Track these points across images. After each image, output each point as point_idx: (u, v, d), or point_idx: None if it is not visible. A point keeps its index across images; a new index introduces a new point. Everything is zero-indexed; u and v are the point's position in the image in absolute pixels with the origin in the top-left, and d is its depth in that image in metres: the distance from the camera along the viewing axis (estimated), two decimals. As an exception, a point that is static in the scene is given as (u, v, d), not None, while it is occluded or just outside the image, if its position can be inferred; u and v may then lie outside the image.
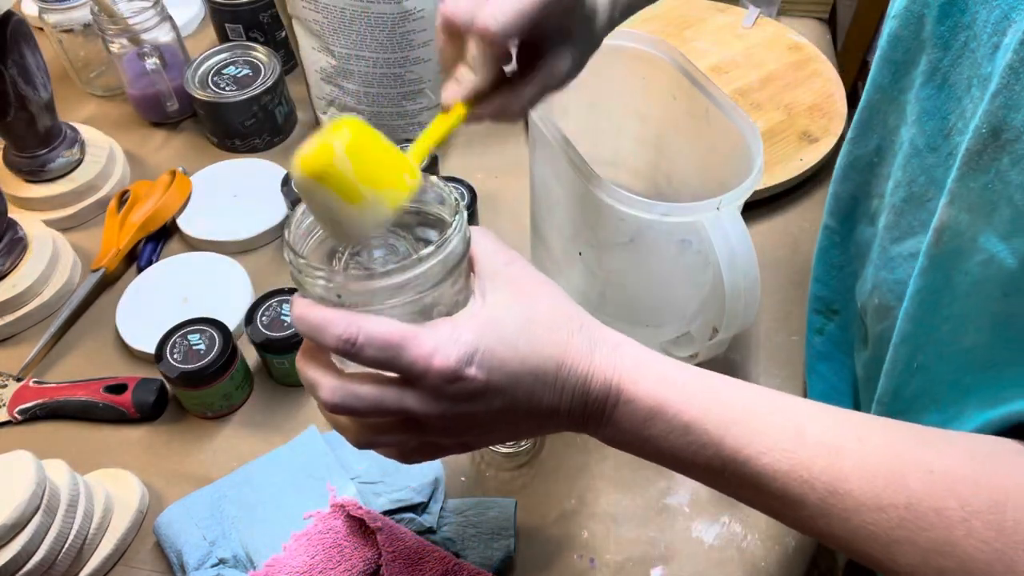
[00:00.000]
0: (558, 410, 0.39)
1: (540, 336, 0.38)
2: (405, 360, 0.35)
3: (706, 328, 0.58)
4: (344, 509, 0.59)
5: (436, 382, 0.36)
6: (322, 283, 0.37)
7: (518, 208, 0.83)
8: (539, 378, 0.38)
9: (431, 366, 0.35)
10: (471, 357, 0.36)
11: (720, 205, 0.51)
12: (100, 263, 0.78)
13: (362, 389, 0.37)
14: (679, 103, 0.61)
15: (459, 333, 0.36)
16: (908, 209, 0.47)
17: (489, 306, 0.38)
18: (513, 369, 0.37)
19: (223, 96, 0.86)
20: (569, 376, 0.38)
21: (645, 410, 0.38)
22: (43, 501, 0.55)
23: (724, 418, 0.38)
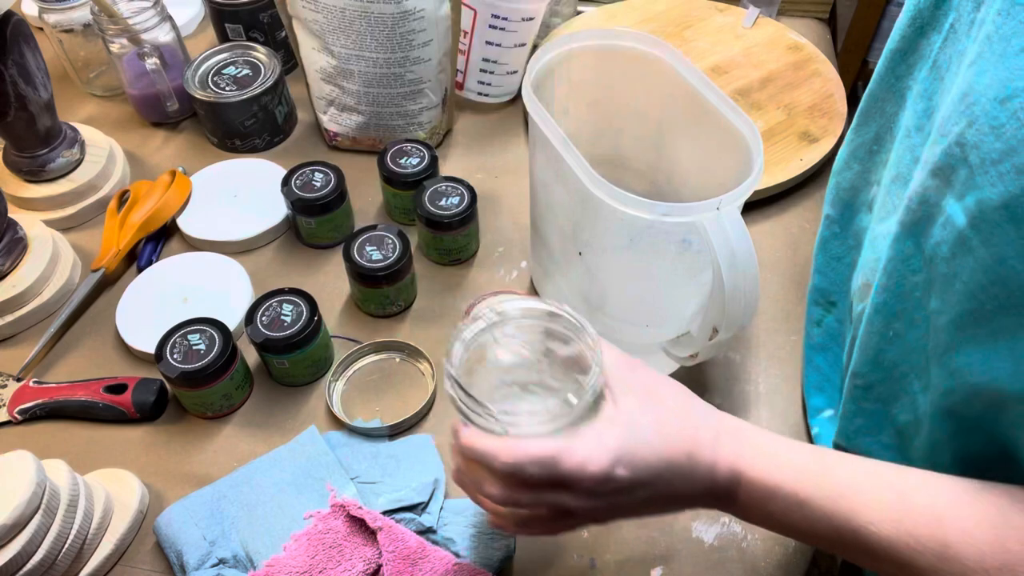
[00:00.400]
0: (691, 495, 0.44)
1: (671, 432, 0.43)
2: (563, 471, 0.41)
3: (706, 328, 0.58)
4: (344, 509, 0.59)
5: (590, 484, 0.42)
6: (495, 425, 0.43)
7: (518, 208, 0.83)
8: (673, 469, 0.43)
9: (585, 472, 0.41)
10: (618, 460, 0.42)
11: (720, 205, 0.51)
12: (100, 263, 0.78)
13: (525, 494, 0.43)
14: (679, 103, 0.61)
15: (604, 440, 0.42)
16: (893, 189, 0.49)
17: (623, 412, 0.43)
18: (652, 464, 0.42)
19: (223, 96, 0.86)
20: (698, 465, 0.43)
21: (763, 491, 0.43)
22: (43, 501, 0.55)
23: (833, 493, 0.42)
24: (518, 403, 0.50)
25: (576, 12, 1.01)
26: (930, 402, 0.45)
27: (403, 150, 0.80)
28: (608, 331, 0.65)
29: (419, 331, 0.74)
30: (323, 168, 0.79)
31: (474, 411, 0.44)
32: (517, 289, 0.77)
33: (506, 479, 0.43)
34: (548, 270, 0.72)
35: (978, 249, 0.37)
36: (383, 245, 0.72)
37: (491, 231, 0.82)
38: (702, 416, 0.45)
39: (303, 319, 0.67)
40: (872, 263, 0.51)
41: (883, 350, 0.49)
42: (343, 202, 0.79)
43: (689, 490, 0.44)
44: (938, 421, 0.45)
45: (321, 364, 0.71)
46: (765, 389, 0.70)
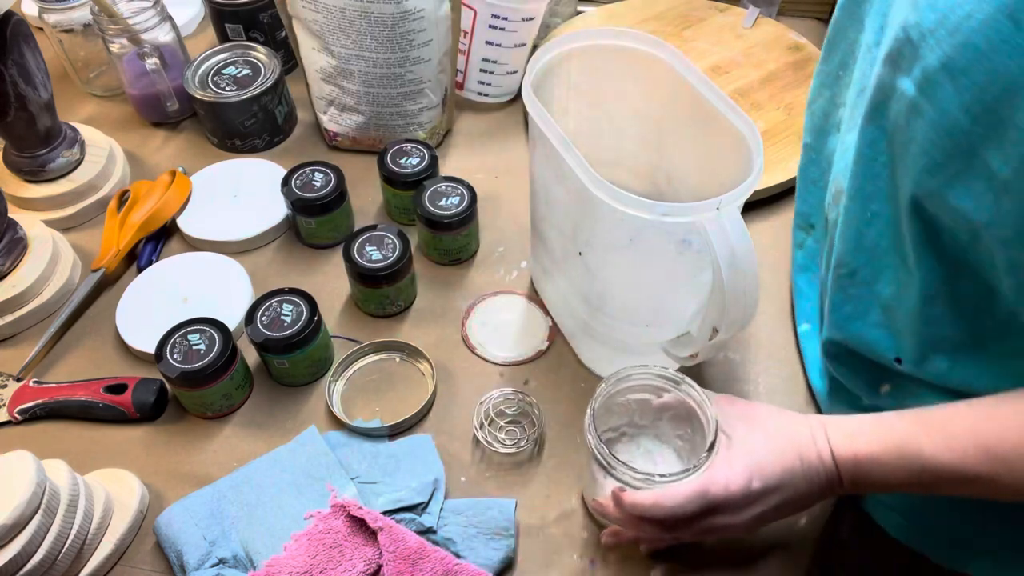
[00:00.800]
0: (812, 492, 0.52)
1: (779, 444, 0.52)
2: (712, 498, 0.51)
3: (706, 328, 0.58)
4: (344, 509, 0.59)
5: (736, 501, 0.51)
6: (640, 483, 0.53)
7: (518, 208, 0.83)
8: (792, 472, 0.51)
9: (729, 492, 0.51)
10: (751, 475, 0.51)
11: (720, 205, 0.51)
12: (100, 263, 0.78)
13: (687, 529, 0.52)
14: (679, 103, 0.61)
15: (734, 465, 0.51)
16: (858, 102, 0.54)
17: (737, 440, 0.53)
18: (777, 471, 0.51)
19: (223, 96, 0.86)
20: (809, 464, 0.51)
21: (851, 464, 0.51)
22: (43, 501, 0.55)
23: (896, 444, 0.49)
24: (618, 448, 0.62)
25: (576, 12, 1.01)
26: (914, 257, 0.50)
27: (403, 150, 0.80)
28: (608, 331, 0.66)
29: (419, 331, 0.74)
30: (323, 168, 0.79)
31: (629, 477, 0.53)
32: (517, 289, 0.77)
33: (668, 520, 0.52)
34: (548, 270, 0.72)
35: (927, 110, 0.43)
36: (383, 245, 0.72)
37: (491, 231, 0.82)
38: (796, 424, 0.53)
39: (303, 319, 0.67)
40: (843, 170, 0.56)
41: (863, 232, 0.54)
42: (343, 202, 0.79)
43: (810, 488, 0.52)
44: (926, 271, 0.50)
45: (321, 364, 0.71)
46: (765, 389, 0.70)
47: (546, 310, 0.75)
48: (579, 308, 0.67)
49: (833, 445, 0.51)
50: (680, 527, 0.52)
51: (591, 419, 0.54)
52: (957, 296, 0.50)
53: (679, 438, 0.61)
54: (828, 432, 0.52)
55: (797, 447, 0.52)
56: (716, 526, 0.52)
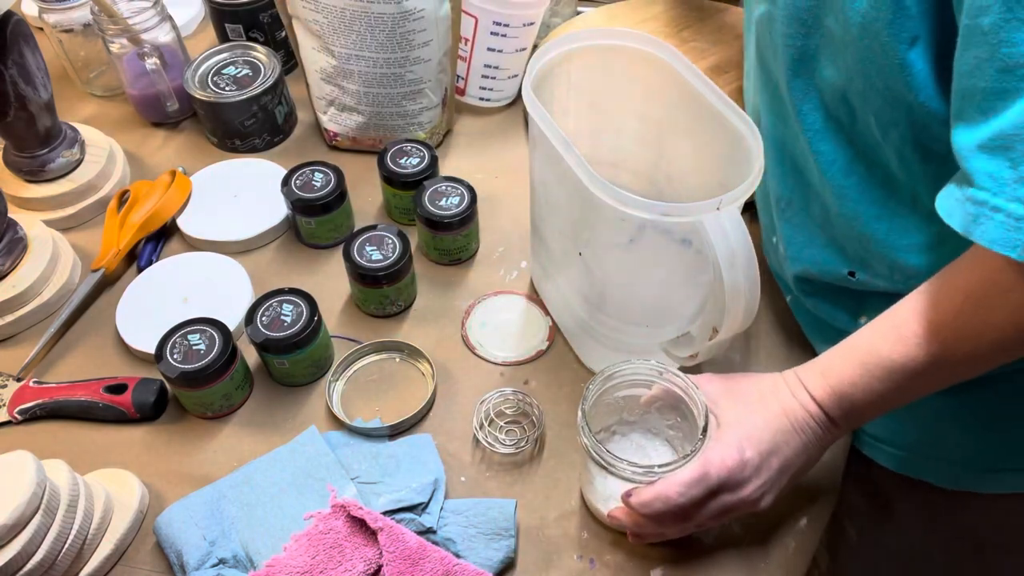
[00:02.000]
0: (808, 442, 0.54)
1: (763, 408, 0.55)
2: (714, 476, 0.52)
3: (706, 328, 0.58)
4: (345, 509, 0.59)
5: (736, 475, 0.52)
6: (642, 476, 0.54)
7: (518, 208, 0.83)
8: (783, 431, 0.54)
9: (726, 467, 0.52)
10: (742, 446, 0.53)
11: (720, 205, 0.51)
12: (100, 263, 0.78)
13: (697, 513, 0.54)
14: (679, 103, 0.61)
15: (725, 440, 0.53)
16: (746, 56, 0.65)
17: (724, 418, 0.55)
18: (768, 436, 0.54)
19: (223, 96, 0.86)
20: (795, 417, 0.54)
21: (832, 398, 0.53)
22: (43, 501, 0.55)
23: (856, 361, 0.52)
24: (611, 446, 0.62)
25: (576, 12, 1.01)
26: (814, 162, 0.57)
27: (403, 150, 0.80)
28: (608, 331, 0.66)
29: (419, 331, 0.74)
30: (323, 168, 0.79)
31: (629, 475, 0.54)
32: (517, 289, 0.77)
33: (677, 510, 0.53)
34: (548, 270, 0.72)
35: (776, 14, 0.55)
36: (383, 245, 0.72)
37: (491, 231, 0.82)
38: (774, 383, 0.56)
39: (303, 319, 0.67)
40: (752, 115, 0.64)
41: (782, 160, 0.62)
42: (343, 202, 0.79)
43: (805, 440, 0.54)
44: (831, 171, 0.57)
45: (321, 364, 0.71)
46: (765, 389, 0.70)
47: (546, 310, 0.75)
48: (579, 308, 0.67)
49: (810, 389, 0.54)
50: (692, 515, 0.54)
51: (583, 421, 0.55)
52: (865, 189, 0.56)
53: (670, 428, 0.61)
54: (802, 379, 0.54)
55: (781, 406, 0.54)
56: (727, 505, 0.53)
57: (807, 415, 0.54)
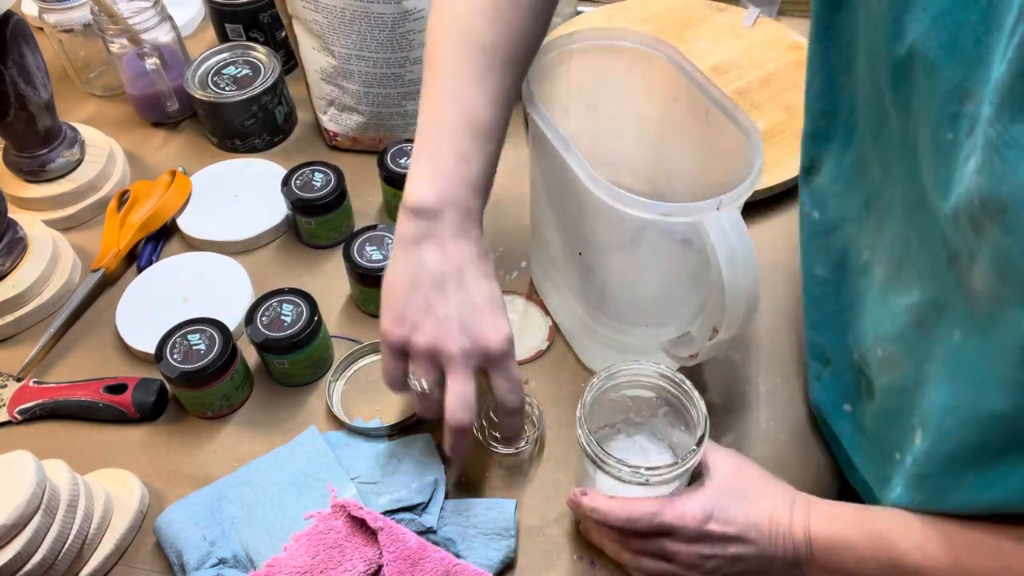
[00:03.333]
0: (775, 557, 0.52)
1: (754, 499, 0.53)
2: (665, 520, 0.52)
3: (706, 328, 0.58)
4: (345, 509, 0.59)
5: (689, 533, 0.52)
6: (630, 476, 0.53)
7: (518, 208, 0.83)
8: (758, 529, 0.52)
9: (683, 521, 0.52)
10: (710, 515, 0.52)
11: (720, 205, 0.51)
12: (100, 263, 0.78)
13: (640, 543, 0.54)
14: (679, 103, 0.61)
15: (699, 499, 0.53)
16: (908, 262, 0.49)
17: (716, 479, 0.54)
18: (740, 521, 0.52)
19: (223, 96, 0.86)
20: (777, 527, 0.52)
21: (824, 544, 0.51)
22: (43, 501, 0.55)
23: (871, 534, 0.50)
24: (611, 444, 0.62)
25: (576, 12, 1.01)
26: None
27: (403, 150, 0.80)
28: (608, 331, 0.66)
29: (419, 331, 0.74)
30: (323, 168, 0.79)
31: (610, 464, 0.53)
32: (517, 289, 0.77)
33: (623, 530, 0.54)
34: (548, 270, 0.72)
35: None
36: (383, 245, 0.72)
37: (491, 231, 0.82)
38: (780, 489, 0.54)
39: (303, 319, 0.67)
40: (892, 337, 0.52)
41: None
42: (343, 202, 0.79)
43: (773, 552, 0.52)
44: None
45: (321, 364, 0.71)
46: (765, 389, 0.70)
47: (546, 310, 0.75)
48: (579, 308, 0.67)
49: (812, 522, 0.52)
50: (633, 540, 0.54)
51: (582, 413, 0.55)
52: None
53: (675, 435, 0.61)
54: (810, 510, 0.53)
55: (771, 508, 0.53)
56: (667, 552, 0.53)
57: (790, 536, 0.52)
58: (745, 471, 0.56)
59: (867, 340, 0.55)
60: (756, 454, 0.66)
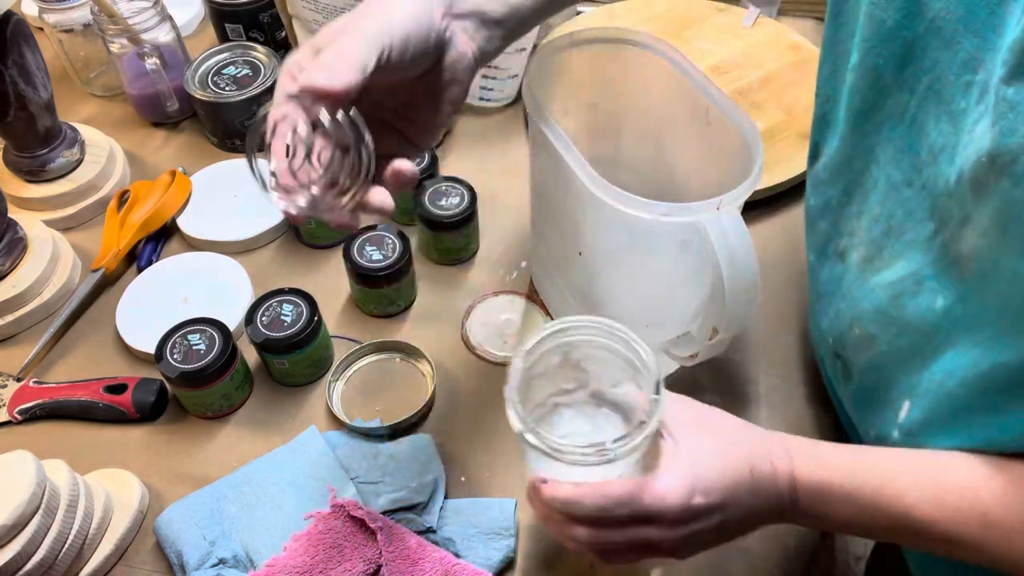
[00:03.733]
0: (760, 510, 0.47)
1: (731, 454, 0.47)
2: (645, 506, 0.44)
3: (706, 328, 0.58)
4: (344, 509, 0.59)
5: (673, 515, 0.45)
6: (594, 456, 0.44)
7: (518, 208, 0.83)
8: (741, 486, 0.46)
9: (665, 504, 0.44)
10: (693, 488, 0.45)
11: (720, 205, 0.51)
12: (100, 263, 0.78)
13: (612, 533, 0.46)
14: (679, 103, 0.61)
15: (677, 473, 0.45)
16: (888, 242, 0.50)
17: (685, 445, 0.47)
18: (722, 486, 0.46)
19: (223, 96, 0.86)
20: (760, 479, 0.46)
21: (817, 492, 0.46)
22: (43, 501, 0.55)
23: (876, 483, 0.45)
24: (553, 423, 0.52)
25: (576, 12, 1.01)
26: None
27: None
28: (608, 331, 0.65)
29: (419, 331, 0.74)
30: (323, 168, 0.79)
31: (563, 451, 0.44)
32: (517, 289, 0.77)
33: (595, 522, 0.46)
34: (548, 270, 0.72)
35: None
36: (383, 245, 0.72)
37: (491, 231, 0.82)
38: (753, 434, 0.49)
39: (303, 319, 0.67)
40: (872, 315, 0.52)
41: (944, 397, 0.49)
42: (343, 202, 0.79)
43: (757, 505, 0.47)
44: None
45: (321, 364, 0.71)
46: (765, 389, 0.70)
47: (546, 310, 0.75)
48: (579, 308, 0.67)
49: (796, 467, 0.47)
50: (607, 532, 0.46)
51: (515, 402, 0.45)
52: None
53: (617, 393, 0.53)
54: (791, 451, 0.47)
55: (749, 459, 0.47)
56: (648, 540, 0.46)
57: (772, 484, 0.46)
58: (709, 421, 0.49)
59: (844, 322, 0.56)
60: (756, 454, 0.66)
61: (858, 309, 0.54)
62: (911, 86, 0.46)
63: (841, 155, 0.55)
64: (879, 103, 0.49)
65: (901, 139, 0.48)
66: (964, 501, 0.43)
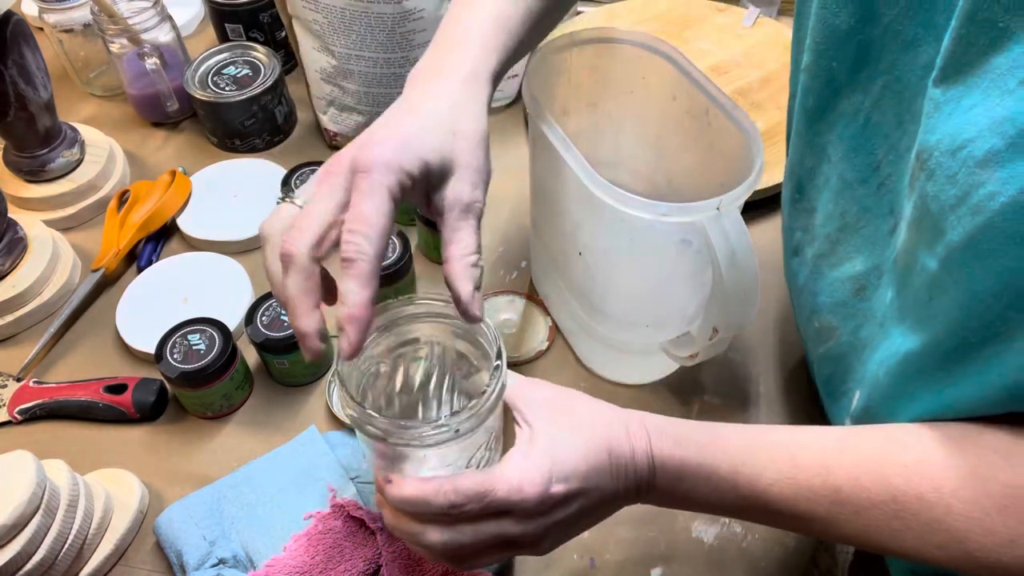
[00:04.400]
0: (618, 492, 0.45)
1: (587, 436, 0.45)
2: (500, 498, 0.41)
3: (706, 328, 0.58)
4: (344, 509, 0.59)
5: (530, 506, 0.42)
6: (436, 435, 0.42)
7: (518, 208, 0.83)
8: (600, 469, 0.44)
9: (522, 494, 0.42)
10: (550, 475, 0.42)
11: (720, 205, 0.51)
12: (100, 263, 0.78)
13: (466, 531, 0.43)
14: (679, 103, 0.61)
15: (532, 460, 0.43)
16: (843, 238, 0.51)
17: (539, 430, 0.44)
18: (580, 470, 0.43)
19: (223, 96, 0.86)
20: (619, 460, 0.45)
21: (674, 470, 0.45)
22: (43, 501, 0.55)
23: (733, 462, 0.45)
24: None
25: (576, 12, 1.01)
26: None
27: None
28: (608, 331, 0.66)
29: (419, 331, 0.74)
30: (323, 168, 0.79)
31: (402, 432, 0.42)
32: (517, 289, 0.77)
33: (445, 520, 0.43)
34: (548, 270, 0.72)
35: (951, 288, 0.39)
36: (383, 245, 0.72)
37: (491, 231, 0.82)
38: (610, 414, 0.47)
39: (303, 319, 0.66)
40: (831, 307, 0.53)
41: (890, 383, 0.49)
42: (343, 202, 0.79)
43: (616, 487, 0.45)
44: None
45: (321, 364, 0.71)
46: (765, 389, 0.70)
47: (546, 310, 0.75)
48: (579, 308, 0.67)
49: (654, 446, 0.45)
50: (460, 530, 0.43)
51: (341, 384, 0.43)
52: None
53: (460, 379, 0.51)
54: (648, 429, 0.46)
55: (607, 440, 0.45)
56: (505, 534, 0.43)
57: (631, 464, 0.45)
58: (565, 403, 0.47)
59: (803, 315, 0.57)
60: (756, 454, 0.66)
61: (815, 303, 0.55)
62: (865, 87, 0.47)
63: (794, 153, 0.56)
64: (832, 103, 0.50)
65: (854, 138, 0.49)
66: (817, 479, 0.43)
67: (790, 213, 0.59)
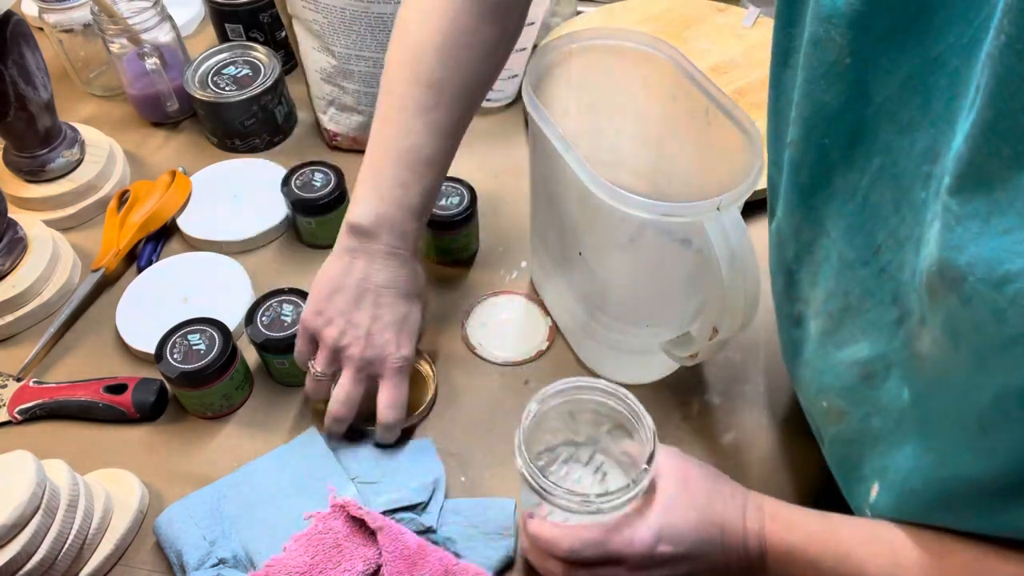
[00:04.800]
0: (728, 566, 0.50)
1: (704, 509, 0.50)
2: (613, 549, 0.49)
3: (706, 328, 0.58)
4: (344, 509, 0.59)
5: (638, 559, 0.49)
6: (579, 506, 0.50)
7: (518, 208, 0.83)
8: (709, 542, 0.50)
9: (632, 548, 0.49)
10: (660, 537, 0.49)
11: (720, 205, 0.51)
12: (100, 263, 0.78)
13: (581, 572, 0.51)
14: (679, 103, 0.61)
15: (647, 520, 0.50)
16: (847, 318, 0.48)
17: (662, 494, 0.51)
18: (690, 539, 0.49)
19: (223, 96, 0.86)
20: (730, 538, 0.50)
21: (783, 554, 0.49)
22: (43, 501, 0.55)
23: (839, 552, 0.47)
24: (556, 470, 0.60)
25: (576, 12, 1.01)
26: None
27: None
28: (608, 331, 0.66)
29: (419, 331, 0.74)
30: (323, 168, 0.79)
31: (554, 495, 0.50)
32: (517, 289, 0.77)
33: (568, 560, 0.51)
34: (548, 270, 0.72)
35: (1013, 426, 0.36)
36: (383, 245, 0.72)
37: (491, 231, 0.82)
38: (730, 494, 0.52)
39: (303, 319, 0.67)
40: (839, 391, 0.51)
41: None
42: (343, 202, 0.79)
43: (727, 560, 0.50)
44: None
45: (321, 364, 0.71)
46: (765, 389, 0.70)
47: (546, 310, 0.75)
48: (579, 308, 0.67)
49: (768, 531, 0.50)
50: (578, 570, 0.51)
51: (521, 440, 0.52)
52: None
53: (624, 454, 0.59)
54: (764, 515, 0.50)
55: (722, 517, 0.50)
56: None
57: (742, 543, 0.50)
58: (692, 476, 0.52)
59: (811, 391, 0.55)
60: (756, 454, 0.66)
61: (823, 382, 0.53)
62: (861, 165, 0.44)
63: (790, 223, 0.52)
64: (828, 179, 0.47)
65: (853, 216, 0.46)
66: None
67: (789, 282, 0.55)
